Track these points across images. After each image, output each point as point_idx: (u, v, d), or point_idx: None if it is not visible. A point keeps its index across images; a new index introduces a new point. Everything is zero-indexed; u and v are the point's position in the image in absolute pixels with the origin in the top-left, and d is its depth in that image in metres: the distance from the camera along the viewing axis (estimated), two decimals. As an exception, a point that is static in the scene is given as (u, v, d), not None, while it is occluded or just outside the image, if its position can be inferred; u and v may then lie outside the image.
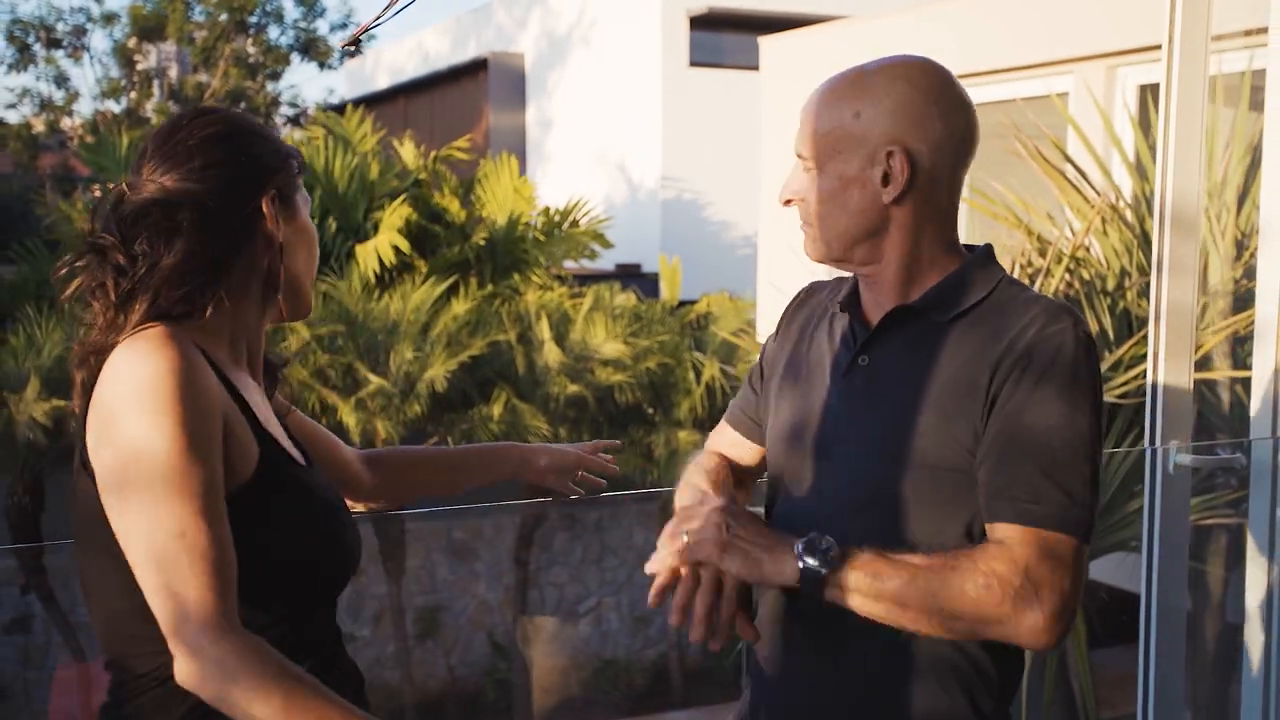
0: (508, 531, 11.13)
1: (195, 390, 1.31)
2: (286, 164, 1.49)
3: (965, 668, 1.53)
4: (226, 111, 1.51)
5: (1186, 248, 2.15)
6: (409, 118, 19.25)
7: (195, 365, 1.33)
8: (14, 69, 20.36)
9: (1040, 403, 1.44)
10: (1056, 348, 1.45)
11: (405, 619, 10.42)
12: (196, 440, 1.30)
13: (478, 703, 10.89)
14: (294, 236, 1.49)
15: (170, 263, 1.39)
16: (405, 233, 10.59)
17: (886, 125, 1.50)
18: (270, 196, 1.45)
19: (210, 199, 1.42)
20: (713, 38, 14.76)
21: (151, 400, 1.30)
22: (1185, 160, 2.10)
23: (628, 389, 10.22)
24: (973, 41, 7.36)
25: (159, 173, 1.42)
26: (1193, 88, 2.10)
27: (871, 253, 1.55)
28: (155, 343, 1.33)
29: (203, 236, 1.40)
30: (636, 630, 11.71)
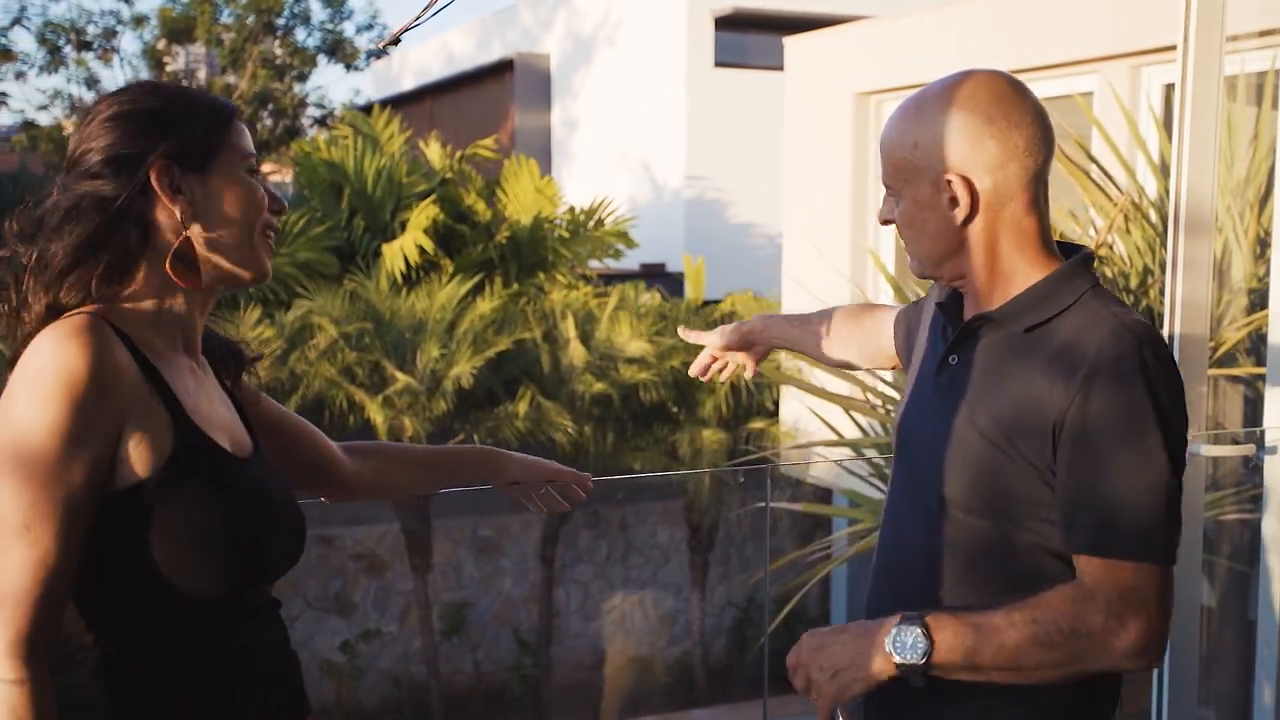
0: (533, 529, 11.20)
1: (88, 387, 1.29)
2: (184, 126, 1.43)
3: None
4: (135, 87, 1.48)
5: (1201, 245, 2.20)
6: (435, 118, 19.35)
7: (100, 360, 1.31)
8: (45, 71, 20.55)
9: (1108, 431, 1.45)
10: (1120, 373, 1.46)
11: (431, 615, 10.51)
12: (73, 439, 1.28)
13: (504, 699, 10.97)
14: (209, 195, 1.44)
15: (60, 255, 1.38)
16: (432, 232, 10.69)
17: (941, 154, 1.54)
18: (158, 168, 1.40)
19: (95, 185, 1.40)
20: (737, 38, 14.80)
21: (39, 389, 1.28)
22: (1200, 159, 2.14)
23: (652, 387, 10.28)
24: (997, 41, 7.38)
25: (68, 167, 1.43)
26: (1207, 87, 2.14)
27: (956, 268, 1.60)
28: (61, 332, 1.31)
29: (91, 224, 1.38)
30: (660, 628, 11.77)
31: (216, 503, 1.38)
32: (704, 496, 10.46)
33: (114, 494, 1.33)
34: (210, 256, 1.43)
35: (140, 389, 1.35)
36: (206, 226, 1.42)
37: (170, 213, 1.41)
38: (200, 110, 1.45)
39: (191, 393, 1.43)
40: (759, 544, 11.34)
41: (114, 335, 1.34)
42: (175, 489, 1.35)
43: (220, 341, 1.59)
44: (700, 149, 14.70)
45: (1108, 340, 1.48)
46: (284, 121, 21.11)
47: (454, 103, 19.55)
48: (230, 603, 1.42)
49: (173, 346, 1.44)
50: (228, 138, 1.45)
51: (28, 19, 20.34)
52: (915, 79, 8.05)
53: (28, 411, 1.27)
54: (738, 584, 11.60)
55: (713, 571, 11.51)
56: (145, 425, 1.34)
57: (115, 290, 1.40)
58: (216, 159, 1.44)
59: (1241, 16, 2.42)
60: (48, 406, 1.27)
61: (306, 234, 10.55)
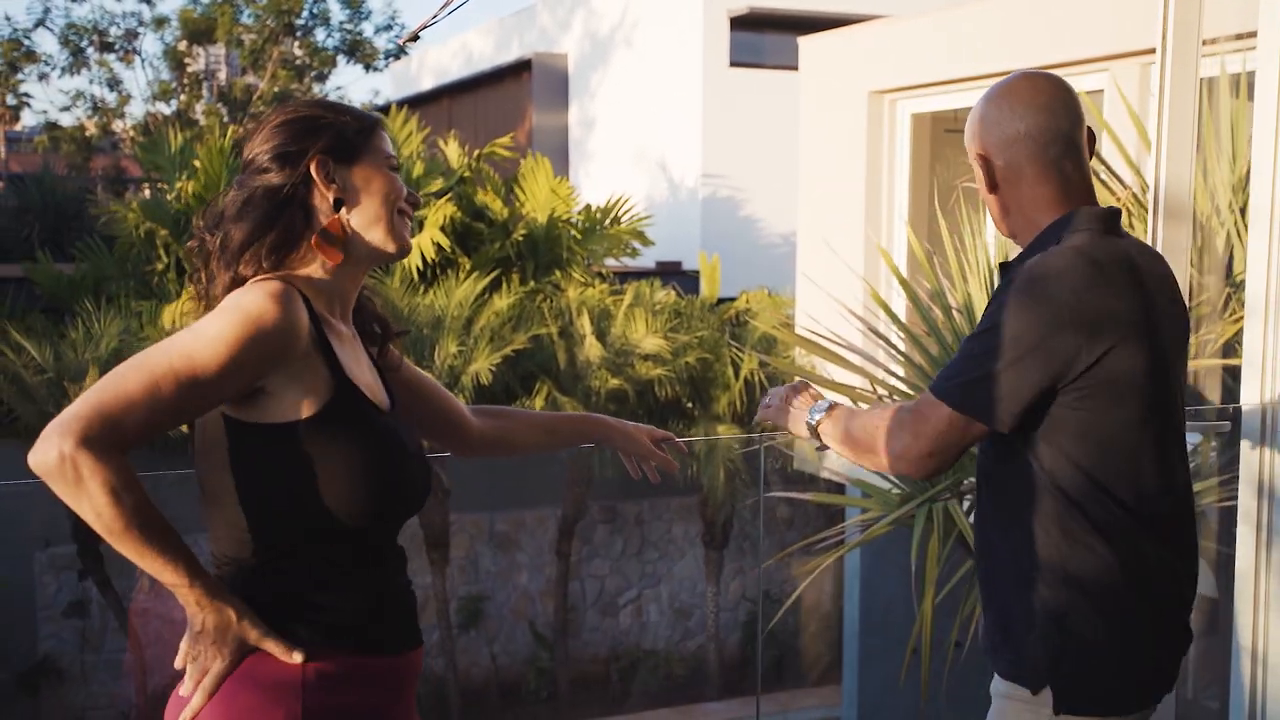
0: (549, 524, 11.32)
1: (262, 328, 1.57)
2: (337, 127, 1.72)
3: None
4: (298, 100, 1.78)
5: (1179, 232, 2.30)
6: (453, 118, 19.49)
7: (280, 311, 1.59)
8: (68, 72, 20.77)
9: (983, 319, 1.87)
10: (1008, 284, 1.85)
11: (449, 609, 10.63)
12: (235, 354, 1.55)
13: (520, 691, 11.09)
14: (355, 184, 1.72)
15: (238, 236, 1.68)
16: (449, 230, 10.80)
17: (971, 136, 1.97)
18: (317, 161, 1.70)
19: (265, 178, 1.69)
20: (753, 38, 14.88)
21: (230, 316, 1.58)
22: (1178, 152, 2.25)
23: (667, 383, 10.38)
24: (1009, 39, 7.46)
25: (244, 168, 1.73)
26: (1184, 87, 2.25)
27: (1009, 227, 1.98)
28: (264, 288, 1.61)
29: (262, 208, 1.68)
30: (676, 622, 11.87)
31: (361, 445, 1.65)
32: (718, 492, 10.55)
33: (273, 426, 1.61)
34: (358, 234, 1.71)
35: (310, 346, 1.62)
36: (354, 209, 1.71)
37: (325, 198, 1.70)
38: (350, 117, 1.75)
39: (347, 353, 1.70)
40: (774, 539, 11.43)
41: (300, 299, 1.63)
42: (329, 430, 1.62)
43: (371, 314, 1.86)
44: (716, 148, 14.78)
45: (1028, 266, 1.84)
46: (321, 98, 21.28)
47: (472, 103, 19.67)
48: (363, 535, 1.67)
49: (332, 312, 1.72)
50: (372, 140, 1.74)
51: (51, 21, 20.57)
52: (928, 78, 8.13)
53: (213, 325, 1.57)
54: (752, 578, 11.70)
55: (727, 566, 11.61)
56: (308, 375, 1.62)
57: (283, 263, 1.68)
58: (362, 155, 1.73)
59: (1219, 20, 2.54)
60: (232, 328, 1.56)
61: (326, 232, 10.68)
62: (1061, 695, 1.86)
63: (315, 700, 1.62)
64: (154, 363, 1.53)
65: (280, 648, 1.61)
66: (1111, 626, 1.86)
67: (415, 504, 1.76)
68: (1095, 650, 1.86)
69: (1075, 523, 1.84)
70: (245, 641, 1.60)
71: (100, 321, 9.45)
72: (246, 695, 1.61)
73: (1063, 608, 1.86)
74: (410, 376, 1.98)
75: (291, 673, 1.62)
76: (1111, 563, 1.84)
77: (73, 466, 1.45)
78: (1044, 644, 1.87)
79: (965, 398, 1.85)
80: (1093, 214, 1.89)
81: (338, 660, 1.65)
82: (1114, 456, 1.85)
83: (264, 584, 1.65)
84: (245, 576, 1.65)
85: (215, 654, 1.60)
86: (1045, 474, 1.85)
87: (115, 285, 10.60)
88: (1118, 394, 1.82)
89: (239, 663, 1.61)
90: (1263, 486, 2.54)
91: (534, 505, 11.42)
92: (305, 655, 1.62)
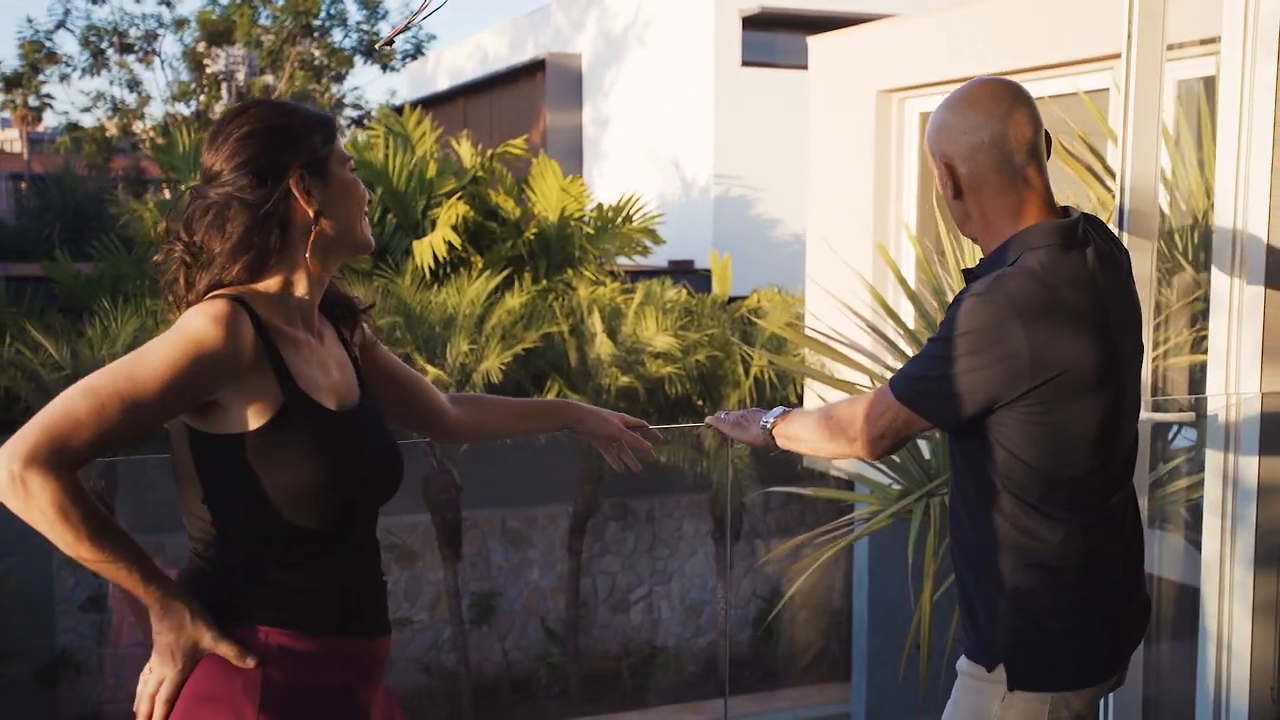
0: (561, 521, 11.40)
1: (202, 350, 1.65)
2: (309, 141, 1.77)
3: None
4: (256, 107, 1.79)
5: (1144, 227, 2.36)
6: (468, 118, 19.59)
7: (221, 333, 1.66)
8: (88, 73, 20.97)
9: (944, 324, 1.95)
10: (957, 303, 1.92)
11: (461, 604, 10.71)
12: (176, 376, 1.63)
13: (531, 687, 11.16)
14: (332, 195, 1.79)
15: (223, 250, 1.74)
16: (461, 229, 10.89)
17: (932, 143, 2.01)
18: (296, 177, 1.75)
19: (246, 193, 1.74)
20: (765, 37, 14.93)
21: (176, 338, 1.66)
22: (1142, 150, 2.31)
23: (677, 381, 10.44)
24: (1015, 38, 7.49)
25: (208, 177, 1.77)
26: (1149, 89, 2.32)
27: (969, 232, 2.04)
28: (208, 309, 1.68)
29: (243, 224, 1.73)
30: (687, 619, 11.93)
31: (312, 452, 1.72)
32: (727, 489, 10.61)
33: (224, 436, 1.69)
34: (335, 241, 1.79)
35: (256, 361, 1.69)
36: (330, 219, 1.78)
37: (305, 212, 1.75)
38: (315, 125, 1.80)
39: (303, 362, 1.77)
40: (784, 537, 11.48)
41: (246, 317, 1.69)
42: (278, 439, 1.70)
43: (338, 298, 1.92)
44: (728, 147, 14.84)
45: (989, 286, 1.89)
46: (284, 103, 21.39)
47: (487, 102, 19.77)
48: (324, 532, 1.75)
49: (291, 323, 1.78)
50: (335, 147, 1.80)
51: (71, 22, 20.77)
52: (936, 77, 8.17)
53: (160, 347, 1.65)
54: (762, 575, 11.75)
55: (738, 564, 11.67)
56: (255, 389, 1.69)
57: (257, 276, 1.75)
58: (331, 164, 1.79)
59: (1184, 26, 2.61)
60: (173, 351, 1.64)
61: (340, 231, 10.78)
62: (1015, 673, 1.94)
63: (276, 672, 1.71)
64: (100, 385, 1.60)
65: (233, 652, 1.69)
66: (1063, 608, 1.95)
67: (376, 500, 1.84)
68: (1047, 630, 1.94)
69: (1029, 510, 1.92)
70: (199, 646, 1.68)
71: (117, 320, 9.57)
72: (209, 663, 1.69)
73: (1018, 590, 1.94)
74: (386, 366, 2.05)
75: (254, 645, 1.70)
76: (1063, 548, 1.93)
77: (21, 484, 1.53)
78: (1000, 624, 1.96)
79: (915, 396, 1.96)
80: (1052, 229, 1.93)
81: (300, 638, 1.73)
82: (1064, 453, 1.92)
83: (229, 569, 1.74)
84: (215, 563, 1.75)
85: (168, 661, 1.68)
86: (1001, 467, 1.93)
87: (132, 284, 10.73)
88: (1071, 406, 1.89)
89: (190, 670, 1.68)
90: (1227, 476, 2.61)
91: (546, 502, 11.50)
92: (267, 631, 1.71)
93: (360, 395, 1.88)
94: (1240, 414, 2.60)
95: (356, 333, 1.96)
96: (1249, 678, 2.60)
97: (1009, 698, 1.96)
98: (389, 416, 2.00)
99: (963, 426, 1.95)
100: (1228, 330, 2.58)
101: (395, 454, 1.89)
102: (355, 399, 1.86)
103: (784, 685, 11.36)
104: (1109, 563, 2.00)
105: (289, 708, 1.71)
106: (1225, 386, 2.60)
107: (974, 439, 1.96)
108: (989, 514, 1.95)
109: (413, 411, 2.12)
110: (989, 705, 1.98)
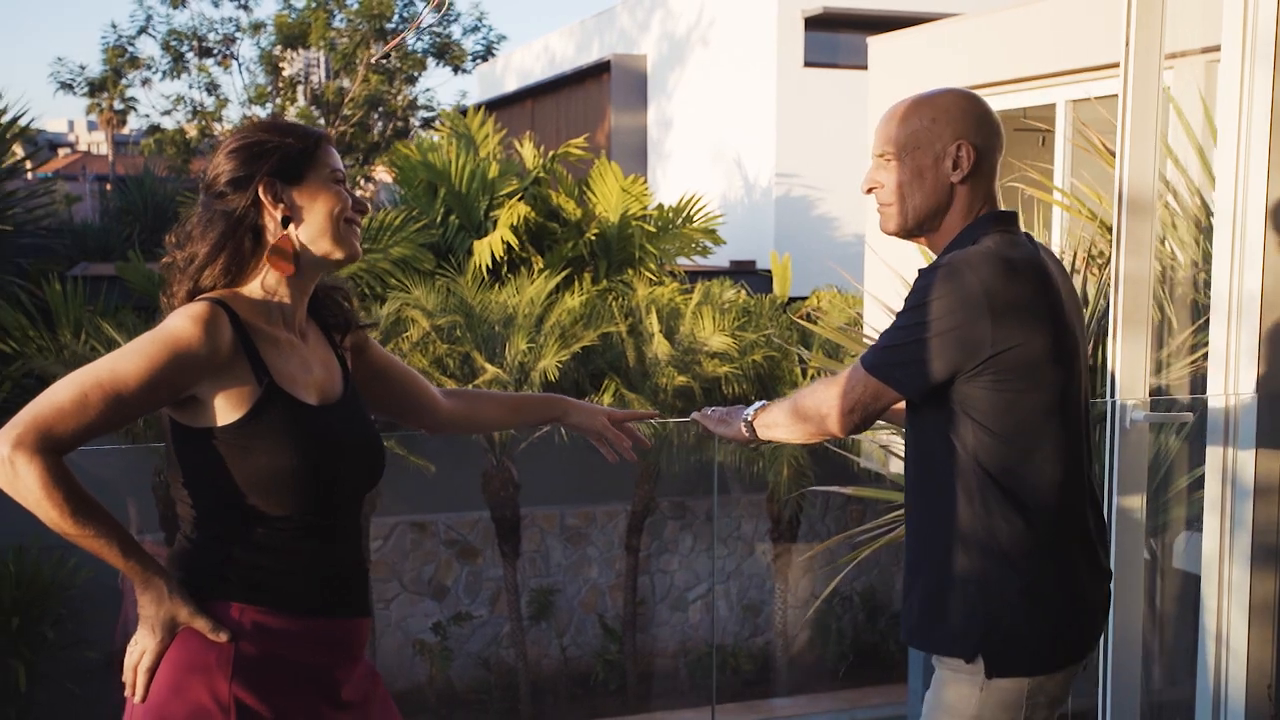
0: (619, 519, 11.49)
1: (179, 348, 1.77)
2: (278, 150, 1.89)
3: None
4: (247, 125, 1.96)
5: (1142, 229, 2.38)
6: (535, 119, 19.78)
7: (199, 331, 1.78)
8: (169, 77, 21.46)
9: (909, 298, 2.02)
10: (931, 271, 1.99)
11: (520, 600, 10.85)
12: (155, 371, 1.75)
13: (588, 682, 11.27)
14: (302, 200, 1.89)
15: (198, 255, 1.87)
16: (522, 229, 11.02)
17: (957, 127, 2.05)
18: (264, 184, 1.87)
19: (223, 202, 1.88)
20: (827, 38, 14.90)
21: (156, 337, 1.79)
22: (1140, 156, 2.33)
23: (734, 380, 10.48)
24: (1073, 38, 7.44)
25: (204, 190, 1.91)
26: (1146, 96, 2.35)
27: (933, 224, 2.08)
28: (187, 311, 1.81)
29: (218, 230, 1.87)
30: (745, 618, 11.96)
31: (287, 444, 1.82)
32: (783, 489, 10.63)
33: (206, 429, 1.81)
34: (307, 246, 1.88)
35: (233, 358, 1.80)
36: (301, 225, 1.88)
37: (274, 217, 1.87)
38: (294, 138, 1.91)
39: (282, 359, 1.88)
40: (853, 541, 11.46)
41: (224, 317, 1.81)
42: (254, 431, 1.81)
43: (335, 308, 2.04)
44: (790, 147, 14.84)
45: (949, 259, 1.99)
46: (394, 123, 21.73)
47: (554, 104, 19.94)
48: (301, 519, 1.86)
49: (272, 323, 1.88)
50: (317, 156, 1.90)
51: (153, 28, 21.28)
52: (994, 77, 8.13)
53: (141, 345, 1.77)
54: (821, 576, 11.74)
55: (796, 564, 11.68)
56: (231, 385, 1.81)
57: (235, 280, 1.87)
58: (307, 173, 1.89)
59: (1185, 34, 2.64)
60: (153, 347, 1.76)
61: (403, 231, 10.98)
62: (992, 660, 1.99)
63: (249, 646, 1.82)
64: (85, 378, 1.74)
65: (207, 626, 1.81)
66: (1032, 593, 2.00)
67: (355, 489, 1.95)
68: (1017, 616, 1.99)
69: (994, 496, 1.97)
70: (176, 619, 1.80)
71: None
72: (187, 635, 1.82)
73: (987, 577, 1.99)
74: (378, 363, 2.17)
75: (228, 620, 1.82)
76: (1029, 533, 1.97)
77: (10, 465, 1.68)
78: (974, 614, 2.00)
79: (883, 366, 2.03)
80: (999, 215, 2.05)
81: (272, 615, 1.85)
82: (1028, 435, 1.99)
83: (209, 549, 1.87)
84: (196, 541, 1.88)
85: (149, 633, 1.80)
86: (967, 450, 1.99)
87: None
88: (1031, 379, 1.96)
89: (169, 642, 1.81)
90: (1226, 475, 2.62)
91: (604, 500, 11.60)
92: (242, 608, 1.83)
93: (343, 391, 1.98)
94: (1239, 414, 2.60)
95: (347, 338, 2.07)
96: (1246, 674, 2.60)
97: (988, 686, 2.01)
98: (384, 410, 2.13)
99: (928, 396, 2.01)
100: (1226, 332, 2.59)
101: (376, 446, 1.99)
102: (338, 395, 1.96)
103: (841, 686, 11.35)
104: (1077, 546, 2.05)
105: (260, 679, 1.82)
106: (1224, 387, 2.61)
107: (943, 422, 2.01)
108: (955, 501, 2.00)
109: (406, 405, 2.23)
110: (969, 694, 2.03)
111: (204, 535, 1.87)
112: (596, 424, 2.37)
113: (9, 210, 12.98)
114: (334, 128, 20.34)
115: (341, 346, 2.06)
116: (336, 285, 2.06)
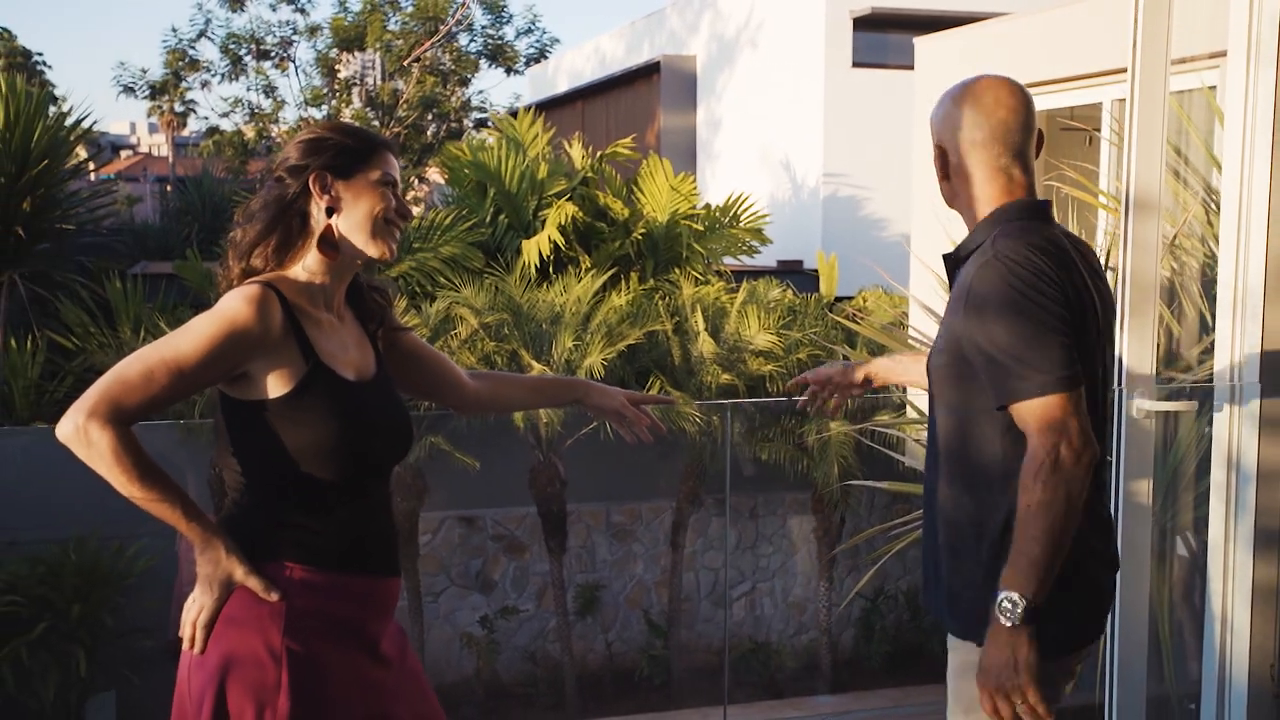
0: (665, 515, 11.59)
1: (235, 327, 1.93)
2: (330, 148, 2.07)
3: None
4: (314, 125, 2.11)
5: (1147, 227, 2.46)
6: (586, 120, 19.94)
7: (253, 312, 1.94)
8: (228, 79, 21.86)
9: (988, 304, 1.97)
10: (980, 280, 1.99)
11: (566, 596, 10.98)
12: (214, 348, 1.92)
13: (633, 678, 11.37)
14: (348, 195, 2.06)
15: (250, 237, 2.06)
16: (570, 229, 11.16)
17: (933, 127, 2.20)
18: (313, 177, 2.05)
19: (280, 186, 2.07)
20: (875, 38, 14.92)
21: (214, 317, 1.96)
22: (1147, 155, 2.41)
23: (779, 379, 10.54)
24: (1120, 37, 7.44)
25: (267, 175, 2.12)
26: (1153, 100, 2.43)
27: (957, 208, 2.20)
28: (242, 292, 1.98)
29: (272, 215, 2.06)
30: (789, 616, 12.02)
31: (330, 416, 1.99)
32: (835, 490, 10.66)
33: (257, 402, 1.97)
34: (345, 238, 2.05)
35: (283, 337, 1.97)
36: (344, 218, 2.04)
37: (319, 205, 2.03)
38: (354, 139, 2.09)
39: (325, 338, 2.05)
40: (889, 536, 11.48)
41: (275, 299, 1.97)
42: (301, 404, 1.98)
43: (372, 302, 2.20)
44: (837, 148, 14.87)
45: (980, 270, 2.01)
46: (447, 125, 21.98)
47: (604, 104, 20.09)
48: (339, 484, 2.02)
49: (315, 305, 2.06)
50: (371, 160, 2.07)
51: (212, 31, 21.69)
52: (1041, 76, 8.15)
53: (201, 324, 1.94)
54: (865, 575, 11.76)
55: (841, 562, 11.71)
56: (282, 361, 1.97)
57: (282, 261, 2.04)
58: (357, 172, 2.06)
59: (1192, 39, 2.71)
60: (212, 327, 1.93)
61: (453, 230, 11.16)
62: None
63: (298, 601, 1.99)
64: (150, 355, 1.91)
65: (260, 586, 1.97)
66: (1059, 579, 2.02)
67: (387, 459, 2.12)
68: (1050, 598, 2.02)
69: None
70: (232, 578, 1.96)
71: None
72: (241, 592, 1.98)
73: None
74: (409, 346, 2.34)
75: (279, 578, 1.98)
76: None
77: (84, 434, 1.85)
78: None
79: (1063, 377, 1.93)
80: (1026, 205, 2.11)
81: (319, 574, 2.01)
82: (1090, 397, 2.01)
83: (259, 513, 2.04)
84: (245, 506, 2.05)
85: (207, 590, 1.96)
86: (1000, 436, 2.02)
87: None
88: (1085, 344, 2.02)
89: (225, 599, 1.96)
90: (1231, 461, 2.68)
91: (650, 497, 11.70)
92: (291, 566, 1.99)
93: (376, 370, 2.14)
94: (1243, 403, 2.67)
95: (383, 325, 2.24)
96: (1249, 656, 2.67)
97: None
98: (414, 390, 2.31)
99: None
100: (1231, 325, 2.67)
101: (405, 421, 2.17)
102: (371, 373, 2.13)
103: (885, 684, 11.37)
104: (1098, 533, 2.11)
105: (309, 631, 1.98)
106: (1229, 377, 2.68)
107: (983, 416, 2.02)
108: (988, 494, 2.04)
109: (435, 385, 2.40)
110: None
111: (252, 500, 2.03)
112: (615, 404, 2.49)
113: (72, 210, 13.31)
114: (388, 129, 20.60)
115: (374, 330, 2.21)
116: (377, 287, 2.22)
